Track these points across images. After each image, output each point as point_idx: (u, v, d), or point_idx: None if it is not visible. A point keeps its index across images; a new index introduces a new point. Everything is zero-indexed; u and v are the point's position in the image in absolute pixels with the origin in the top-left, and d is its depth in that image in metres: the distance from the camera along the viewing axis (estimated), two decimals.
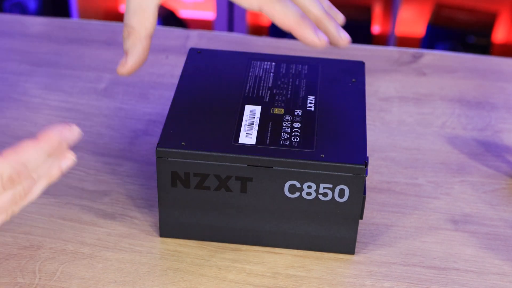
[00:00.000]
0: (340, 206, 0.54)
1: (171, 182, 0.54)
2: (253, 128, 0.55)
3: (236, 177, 0.53)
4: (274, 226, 0.56)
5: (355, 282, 0.55)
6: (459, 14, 2.03)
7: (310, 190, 0.53)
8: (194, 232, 0.57)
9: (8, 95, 0.75)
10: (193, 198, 0.55)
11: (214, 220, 0.56)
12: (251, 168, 0.53)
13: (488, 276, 0.56)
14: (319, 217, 0.55)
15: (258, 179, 0.53)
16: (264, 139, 0.54)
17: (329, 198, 0.54)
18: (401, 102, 0.75)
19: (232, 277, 0.55)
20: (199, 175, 0.53)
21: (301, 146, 0.53)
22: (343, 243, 0.56)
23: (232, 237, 0.57)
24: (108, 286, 0.53)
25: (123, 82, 0.77)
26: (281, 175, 0.53)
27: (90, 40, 0.84)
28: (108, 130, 0.70)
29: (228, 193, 0.54)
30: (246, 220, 0.55)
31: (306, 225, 0.55)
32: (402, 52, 0.83)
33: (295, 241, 0.56)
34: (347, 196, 0.53)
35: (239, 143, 0.54)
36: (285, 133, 0.55)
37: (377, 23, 2.15)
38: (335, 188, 0.53)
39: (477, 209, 0.62)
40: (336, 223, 0.55)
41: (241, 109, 0.57)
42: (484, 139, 0.70)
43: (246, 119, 0.56)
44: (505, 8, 2.06)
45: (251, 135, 0.54)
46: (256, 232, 0.56)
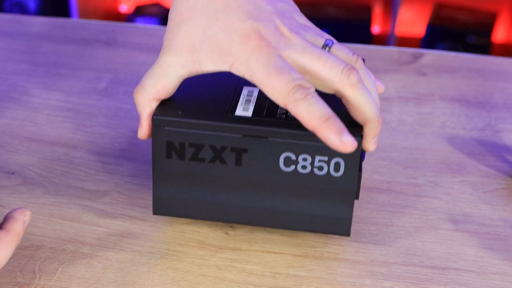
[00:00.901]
0: (336, 181, 0.54)
1: (166, 153, 0.54)
2: (250, 104, 0.55)
3: (231, 149, 0.53)
4: (268, 203, 0.55)
5: (355, 282, 0.55)
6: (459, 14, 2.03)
7: (305, 163, 0.53)
8: (187, 209, 0.56)
9: (8, 95, 0.75)
10: (187, 171, 0.54)
11: (208, 196, 0.55)
12: (246, 138, 0.53)
13: (488, 276, 0.56)
14: (314, 193, 0.54)
15: (253, 150, 0.53)
16: (260, 113, 0.54)
17: (324, 173, 0.53)
18: (401, 102, 0.75)
19: (232, 277, 0.55)
20: (194, 145, 0.53)
21: (297, 119, 0.53)
22: (339, 223, 0.56)
23: (225, 215, 0.56)
24: (108, 286, 0.53)
25: (123, 82, 0.77)
26: (277, 147, 0.53)
27: (90, 40, 0.84)
28: (108, 130, 0.70)
29: (222, 166, 0.54)
30: (240, 196, 0.55)
31: (301, 203, 0.55)
32: (402, 52, 0.83)
33: (290, 221, 0.56)
34: (342, 170, 0.53)
35: (235, 115, 0.54)
36: (282, 108, 0.55)
37: (377, 23, 2.16)
38: (331, 161, 0.53)
39: (477, 209, 0.62)
40: (332, 200, 0.55)
41: (238, 90, 0.57)
42: (484, 139, 0.70)
43: (244, 97, 0.56)
44: (505, 8, 2.06)
45: (247, 109, 0.55)
46: (250, 210, 0.56)
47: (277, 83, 0.50)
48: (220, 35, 0.52)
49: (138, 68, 0.80)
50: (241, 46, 0.51)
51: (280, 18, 0.53)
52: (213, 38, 0.52)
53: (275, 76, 0.50)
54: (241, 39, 0.51)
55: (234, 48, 0.51)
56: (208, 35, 0.52)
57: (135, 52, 0.83)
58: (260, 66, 0.51)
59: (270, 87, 0.50)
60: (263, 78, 0.50)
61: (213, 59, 0.52)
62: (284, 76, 0.50)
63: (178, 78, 0.54)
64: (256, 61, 0.51)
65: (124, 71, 0.79)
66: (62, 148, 0.67)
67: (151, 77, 0.54)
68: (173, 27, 0.54)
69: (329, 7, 2.13)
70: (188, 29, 0.53)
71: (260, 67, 0.51)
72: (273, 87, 0.50)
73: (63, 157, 0.66)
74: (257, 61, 0.51)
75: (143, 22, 2.16)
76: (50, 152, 0.67)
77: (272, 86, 0.50)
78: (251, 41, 0.51)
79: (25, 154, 0.66)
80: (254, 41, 0.51)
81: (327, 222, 0.56)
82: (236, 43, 0.52)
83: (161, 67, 0.54)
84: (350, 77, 0.51)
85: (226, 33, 0.52)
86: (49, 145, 0.68)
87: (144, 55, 0.82)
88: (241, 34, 0.52)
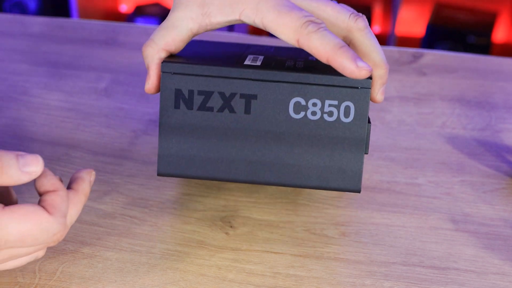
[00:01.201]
0: (346, 128, 0.53)
1: (174, 103, 0.54)
2: (257, 60, 0.56)
3: (240, 95, 0.53)
4: (277, 155, 0.55)
5: (355, 282, 0.55)
6: (459, 14, 2.03)
7: (315, 108, 0.53)
8: (193, 167, 0.56)
9: (8, 95, 0.75)
10: (195, 122, 0.54)
11: (215, 150, 0.55)
12: (256, 83, 0.53)
13: (488, 276, 0.56)
14: (324, 143, 0.54)
15: (262, 96, 0.53)
16: (269, 64, 0.55)
17: (334, 118, 0.53)
18: (401, 102, 0.75)
19: (232, 277, 0.55)
20: (203, 93, 0.53)
21: (306, 70, 0.54)
22: (348, 177, 0.55)
23: (232, 172, 0.56)
24: (108, 286, 0.54)
25: (123, 82, 0.77)
26: (287, 91, 0.53)
27: (90, 40, 0.84)
28: (108, 130, 0.70)
29: (231, 115, 0.54)
30: (249, 149, 0.55)
31: (310, 154, 0.54)
32: (402, 52, 0.83)
33: (298, 176, 0.55)
34: (352, 115, 0.53)
35: (244, 64, 0.54)
36: (289, 63, 0.55)
37: (377, 23, 2.16)
38: (341, 105, 0.53)
39: (477, 209, 0.62)
40: (342, 150, 0.54)
41: (244, 56, 0.58)
42: (484, 139, 0.70)
43: (250, 58, 0.57)
44: (505, 8, 2.06)
45: (256, 61, 0.55)
46: (258, 165, 0.55)
47: (288, 20, 0.51)
48: None
49: (138, 68, 0.80)
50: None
51: None
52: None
53: (285, 14, 0.51)
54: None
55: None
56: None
57: (135, 52, 0.83)
58: (270, 7, 0.52)
59: (281, 25, 0.51)
60: (274, 18, 0.51)
61: (223, 9, 0.53)
62: (295, 13, 0.51)
63: (188, 31, 0.54)
64: (265, 3, 0.52)
65: (124, 71, 0.79)
66: (62, 148, 0.67)
67: (161, 30, 0.55)
68: None
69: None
70: None
71: (270, 9, 0.52)
72: (284, 25, 0.51)
73: (63, 157, 0.66)
74: (266, 4, 0.52)
75: (143, 22, 2.16)
76: (50, 152, 0.67)
77: (283, 24, 0.51)
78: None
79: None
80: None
81: (336, 176, 0.55)
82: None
83: (171, 21, 0.54)
84: (358, 22, 0.53)
85: None
86: (49, 145, 0.68)
87: None
88: None
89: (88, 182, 0.51)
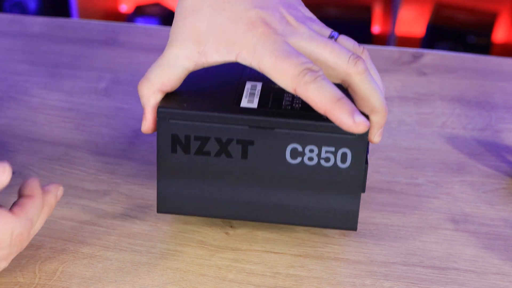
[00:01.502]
0: (342, 173, 0.53)
1: (171, 147, 0.54)
2: (254, 96, 0.55)
3: (237, 141, 0.53)
4: (275, 197, 0.55)
5: (355, 282, 0.55)
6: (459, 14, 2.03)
7: (312, 154, 0.53)
8: (192, 206, 0.56)
9: (8, 95, 0.75)
10: (193, 165, 0.54)
11: (213, 191, 0.55)
12: (252, 130, 0.52)
13: (488, 276, 0.56)
14: (321, 186, 0.54)
15: (259, 142, 0.53)
16: (266, 104, 0.54)
17: (331, 164, 0.53)
18: (401, 102, 0.75)
19: (232, 277, 0.55)
20: (200, 138, 0.53)
21: (303, 109, 0.53)
22: (345, 217, 0.55)
23: (230, 211, 0.56)
24: (108, 286, 0.53)
25: (123, 82, 0.77)
26: (283, 138, 0.52)
27: (90, 40, 0.84)
28: (108, 130, 0.70)
29: (228, 160, 0.54)
30: (246, 191, 0.55)
31: (307, 196, 0.55)
32: (402, 52, 0.83)
33: (296, 216, 0.55)
34: (349, 162, 0.53)
35: (240, 106, 0.53)
36: (287, 100, 0.54)
37: (377, 23, 2.16)
38: (337, 151, 0.53)
39: (477, 209, 0.62)
40: (338, 193, 0.54)
41: (241, 85, 0.57)
42: (484, 139, 0.70)
43: (247, 91, 0.56)
44: (505, 8, 2.06)
45: (252, 101, 0.54)
46: (256, 205, 0.55)
47: (286, 67, 0.50)
48: (226, 25, 0.52)
49: (138, 68, 0.80)
50: (247, 33, 0.51)
51: (286, 8, 0.53)
52: (219, 28, 0.52)
53: (283, 61, 0.50)
54: (247, 27, 0.51)
55: (240, 36, 0.51)
56: (214, 25, 0.52)
57: (135, 52, 0.83)
58: (267, 52, 0.50)
59: (278, 72, 0.50)
60: (271, 64, 0.50)
61: (219, 49, 0.52)
62: (293, 60, 0.50)
63: (184, 70, 0.53)
64: (263, 47, 0.50)
65: (124, 71, 0.79)
66: (62, 148, 0.67)
67: (156, 69, 0.54)
68: (179, 20, 0.53)
69: (329, 7, 2.13)
70: (194, 20, 0.52)
71: (267, 53, 0.50)
72: (282, 72, 0.50)
73: (63, 157, 0.66)
74: (264, 47, 0.50)
75: (143, 22, 2.16)
76: (50, 152, 0.67)
77: (281, 70, 0.50)
78: (257, 29, 0.51)
79: (25, 154, 0.66)
80: (260, 28, 0.51)
81: (333, 217, 0.55)
82: (242, 31, 0.51)
83: (166, 59, 0.53)
84: (357, 65, 0.51)
85: (232, 22, 0.52)
86: (49, 145, 0.68)
87: (144, 55, 0.82)
88: (247, 22, 0.51)
89: (54, 195, 0.53)
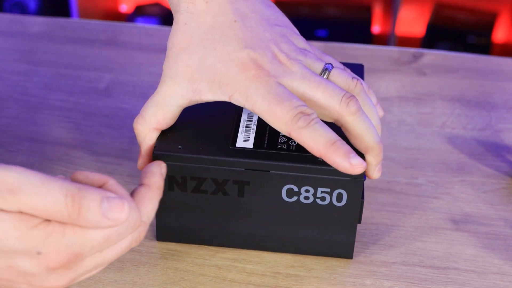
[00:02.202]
0: (338, 210, 0.54)
1: (168, 186, 0.54)
2: (250, 132, 0.55)
3: (233, 181, 0.53)
4: (271, 230, 0.55)
5: (355, 282, 0.55)
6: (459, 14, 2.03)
7: (307, 194, 0.53)
8: (190, 236, 0.57)
9: (8, 95, 0.75)
10: (190, 201, 0.54)
11: (211, 224, 0.56)
12: (248, 172, 0.53)
13: (488, 275, 0.56)
14: (317, 221, 0.54)
15: (255, 183, 0.53)
16: (261, 143, 0.54)
17: (327, 202, 0.53)
18: (401, 102, 0.75)
19: (232, 277, 0.55)
20: (196, 179, 0.53)
21: (298, 150, 0.53)
22: (341, 248, 0.56)
23: (229, 241, 0.57)
24: (108, 286, 0.53)
25: (123, 82, 0.77)
26: (279, 179, 0.53)
27: (90, 40, 0.84)
28: (108, 130, 0.70)
29: (225, 197, 0.54)
30: (244, 224, 0.55)
31: (303, 229, 0.55)
32: (402, 52, 0.83)
33: (293, 245, 0.56)
34: (345, 201, 0.53)
35: (236, 147, 0.53)
36: (282, 137, 0.55)
37: (377, 23, 2.15)
38: (333, 192, 0.53)
39: (477, 208, 0.62)
40: (334, 227, 0.55)
41: (238, 112, 0.57)
42: (484, 139, 0.70)
43: (244, 122, 0.56)
44: (505, 8, 2.06)
45: (248, 139, 0.54)
46: (254, 236, 0.56)
47: (279, 111, 0.49)
48: (217, 65, 0.51)
49: (138, 68, 0.80)
50: (239, 75, 0.51)
51: (278, 45, 0.52)
52: (211, 68, 0.51)
53: (276, 105, 0.49)
54: (239, 69, 0.51)
55: (232, 78, 0.51)
56: (206, 65, 0.51)
57: (135, 52, 0.83)
58: (260, 95, 0.50)
59: (272, 116, 0.50)
60: (265, 108, 0.50)
61: (213, 89, 0.51)
62: (286, 104, 0.49)
63: (178, 107, 0.53)
64: (256, 90, 0.50)
65: (124, 71, 0.79)
66: (62, 148, 0.67)
67: (151, 107, 0.53)
68: (171, 56, 0.53)
69: (329, 7, 2.13)
70: (187, 58, 0.52)
71: (260, 97, 0.50)
72: (275, 116, 0.49)
73: (63, 157, 0.66)
74: (256, 91, 0.50)
75: (143, 22, 2.16)
76: (50, 152, 0.67)
77: (274, 115, 0.49)
78: (249, 71, 0.51)
79: (25, 154, 0.66)
80: (252, 71, 0.51)
81: (330, 247, 0.56)
82: (233, 73, 0.51)
83: (160, 96, 0.53)
84: (350, 106, 0.51)
85: (223, 63, 0.51)
86: (49, 145, 0.68)
87: (144, 55, 0.82)
88: (238, 64, 0.51)
89: (160, 174, 0.46)
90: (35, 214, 0.39)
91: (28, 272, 0.40)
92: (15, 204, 0.39)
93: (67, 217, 0.39)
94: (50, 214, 0.39)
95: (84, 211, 0.39)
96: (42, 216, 0.39)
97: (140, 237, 0.43)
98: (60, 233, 0.40)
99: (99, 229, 0.40)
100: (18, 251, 0.40)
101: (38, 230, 0.39)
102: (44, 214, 0.39)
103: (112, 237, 0.41)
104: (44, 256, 0.40)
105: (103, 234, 0.41)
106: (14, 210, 0.39)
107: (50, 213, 0.39)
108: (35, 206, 0.39)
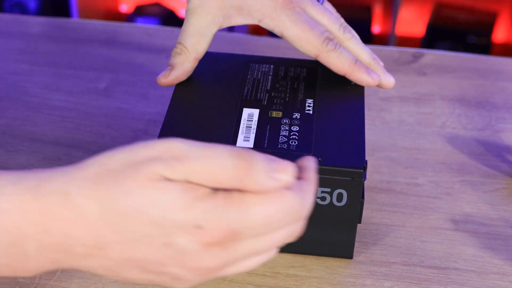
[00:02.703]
0: (338, 210, 0.54)
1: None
2: (250, 131, 0.55)
3: None
4: None
5: (355, 281, 0.55)
6: (459, 14, 2.03)
7: None
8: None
9: (8, 95, 0.75)
10: None
11: None
12: None
13: (488, 275, 0.56)
14: (317, 221, 0.54)
15: None
16: (261, 143, 0.54)
17: (327, 202, 0.54)
18: (401, 102, 0.75)
19: (232, 277, 0.55)
20: None
21: (299, 150, 0.53)
22: (341, 247, 0.56)
23: None
24: (108, 286, 0.53)
25: (123, 82, 0.77)
26: None
27: (90, 40, 0.84)
28: (108, 130, 0.70)
29: None
30: None
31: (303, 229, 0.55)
32: (402, 52, 0.83)
33: (293, 245, 0.56)
34: (345, 200, 0.53)
35: (236, 146, 0.53)
36: (283, 136, 0.55)
37: (377, 23, 2.15)
38: (333, 192, 0.53)
39: (477, 208, 0.62)
40: (334, 227, 0.55)
41: (239, 112, 0.57)
42: (484, 139, 0.70)
43: (244, 122, 0.56)
44: (505, 8, 2.05)
45: (248, 139, 0.54)
46: None
47: (310, 37, 0.58)
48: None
49: (138, 68, 0.80)
50: (269, 2, 0.58)
51: None
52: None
53: (308, 31, 0.58)
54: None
55: (262, 4, 0.58)
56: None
57: (135, 52, 0.83)
58: (292, 22, 0.58)
59: (303, 41, 0.58)
60: (297, 33, 0.58)
61: (242, 14, 0.58)
62: (317, 31, 0.58)
63: (212, 35, 0.59)
64: (287, 17, 0.58)
65: (124, 71, 0.79)
66: (62, 148, 0.67)
67: (191, 38, 0.59)
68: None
69: None
70: None
71: (293, 24, 0.58)
72: (307, 41, 0.58)
73: (63, 157, 0.66)
74: (288, 17, 0.58)
75: (143, 22, 2.16)
76: (50, 152, 0.67)
77: (306, 40, 0.58)
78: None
79: (26, 154, 0.66)
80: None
81: (330, 247, 0.56)
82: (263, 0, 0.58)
83: (196, 28, 0.58)
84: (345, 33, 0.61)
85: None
86: (49, 145, 0.68)
87: (144, 55, 0.82)
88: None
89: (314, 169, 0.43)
90: (202, 181, 0.38)
91: (184, 249, 0.38)
92: (183, 171, 0.38)
93: (234, 179, 0.38)
94: (218, 179, 0.38)
95: (251, 171, 0.38)
96: (209, 183, 0.38)
97: (297, 232, 0.41)
98: (223, 207, 0.38)
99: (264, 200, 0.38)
100: (177, 224, 0.38)
101: (202, 202, 0.38)
102: (212, 178, 0.38)
103: (273, 220, 0.39)
104: (204, 231, 0.38)
105: (265, 215, 0.38)
106: (181, 179, 0.38)
107: (217, 177, 0.38)
108: (202, 170, 0.38)
